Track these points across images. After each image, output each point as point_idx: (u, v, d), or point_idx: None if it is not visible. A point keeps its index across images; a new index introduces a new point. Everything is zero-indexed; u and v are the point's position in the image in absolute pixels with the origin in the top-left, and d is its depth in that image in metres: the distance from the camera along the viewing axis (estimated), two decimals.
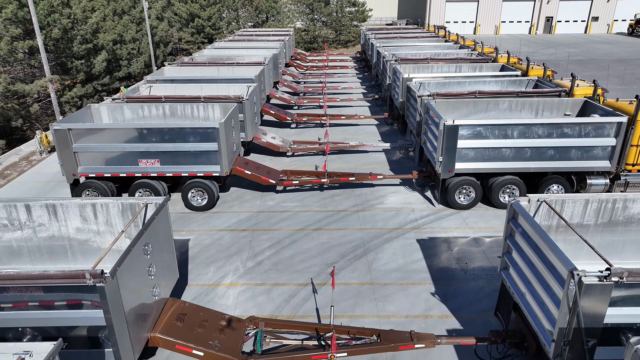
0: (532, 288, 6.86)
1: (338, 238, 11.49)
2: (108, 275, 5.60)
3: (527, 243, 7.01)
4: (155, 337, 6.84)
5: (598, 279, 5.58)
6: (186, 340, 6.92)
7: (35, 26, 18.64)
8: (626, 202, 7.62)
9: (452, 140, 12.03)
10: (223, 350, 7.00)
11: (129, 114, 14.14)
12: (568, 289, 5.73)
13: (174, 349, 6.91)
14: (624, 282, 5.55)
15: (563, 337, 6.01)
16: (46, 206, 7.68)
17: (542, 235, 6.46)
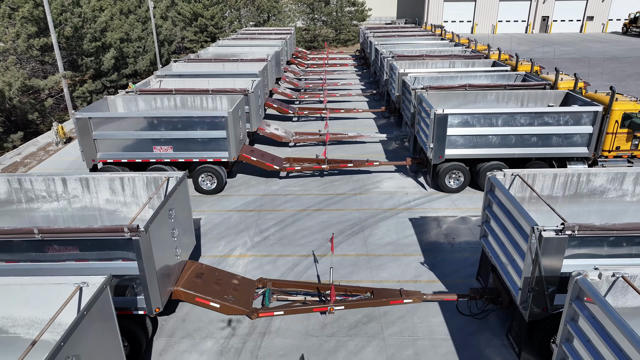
0: (505, 248, 7.90)
1: (337, 217, 12.53)
2: (142, 230, 6.64)
3: (501, 211, 8.06)
4: (178, 290, 7.88)
5: (555, 232, 6.63)
6: (204, 293, 7.97)
7: (50, 24, 19.70)
8: (589, 176, 8.67)
9: (442, 129, 13.06)
10: (236, 304, 8.06)
11: (143, 105, 15.19)
12: (531, 242, 6.78)
13: (194, 301, 7.95)
14: (576, 235, 6.59)
15: (528, 286, 7.05)
16: (80, 180, 8.73)
17: (512, 200, 7.51)
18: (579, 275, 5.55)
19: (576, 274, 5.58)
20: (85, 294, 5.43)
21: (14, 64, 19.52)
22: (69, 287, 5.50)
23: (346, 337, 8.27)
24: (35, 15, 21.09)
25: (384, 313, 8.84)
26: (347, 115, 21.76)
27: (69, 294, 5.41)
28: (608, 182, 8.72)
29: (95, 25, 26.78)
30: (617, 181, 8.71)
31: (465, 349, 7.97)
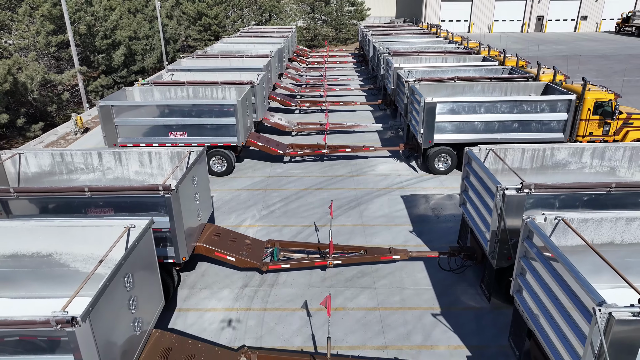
0: (478, 210, 9.27)
1: (336, 195, 13.90)
2: (174, 189, 8.02)
3: (476, 179, 9.44)
4: (200, 245, 9.26)
5: (515, 190, 8.00)
6: (222, 249, 9.35)
7: (67, 23, 21.09)
8: (553, 151, 10.05)
9: (431, 116, 14.44)
10: (249, 258, 9.43)
11: (158, 95, 16.56)
12: (496, 200, 8.16)
13: (213, 255, 9.33)
14: (532, 192, 7.97)
15: (495, 238, 8.42)
16: (113, 154, 10.11)
17: (483, 167, 8.89)
18: (528, 219, 6.92)
19: (526, 217, 6.95)
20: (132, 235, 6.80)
21: (34, 60, 20.89)
22: (119, 229, 6.87)
23: (343, 287, 9.65)
24: (53, 13, 22.47)
25: (376, 270, 10.21)
26: (346, 108, 23.12)
27: (119, 234, 6.78)
28: (569, 155, 10.09)
29: (107, 23, 28.17)
30: (577, 155, 10.09)
31: (444, 296, 9.34)
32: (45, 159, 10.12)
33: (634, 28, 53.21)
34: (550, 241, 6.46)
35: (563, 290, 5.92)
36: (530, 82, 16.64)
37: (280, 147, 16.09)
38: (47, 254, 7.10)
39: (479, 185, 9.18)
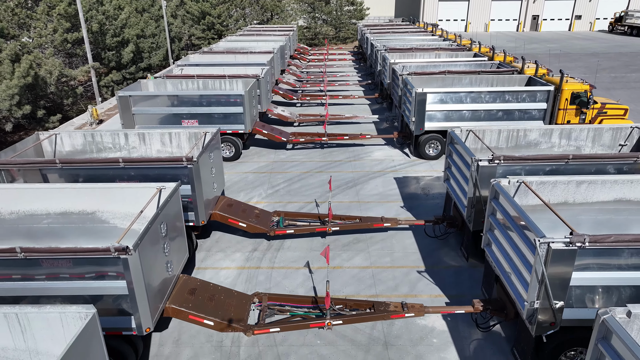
0: (458, 182, 10.61)
1: (335, 177, 15.25)
2: (195, 160, 9.37)
3: (456, 155, 10.78)
4: (215, 213, 10.62)
5: (487, 162, 9.34)
6: (235, 216, 10.70)
7: (82, 21, 22.43)
8: (525, 132, 11.39)
9: (422, 105, 15.78)
10: (258, 224, 10.78)
11: (170, 87, 17.90)
12: (472, 170, 9.50)
13: (227, 221, 10.68)
14: (502, 163, 9.31)
15: (471, 204, 9.77)
16: (138, 134, 11.45)
17: (462, 145, 10.24)
18: (494, 181, 8.27)
19: (493, 180, 8.30)
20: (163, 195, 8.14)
21: (52, 56, 22.21)
22: (152, 190, 8.21)
23: (341, 251, 11.00)
24: (69, 12, 23.81)
25: (370, 237, 11.56)
26: (345, 101, 24.46)
27: (152, 194, 8.12)
28: (540, 136, 11.44)
29: (117, 22, 29.51)
30: (547, 135, 11.43)
31: (428, 258, 10.69)
32: (78, 139, 11.47)
33: (626, 27, 54.55)
34: (510, 197, 7.80)
35: (519, 235, 7.27)
36: (514, 75, 17.98)
37: (283, 135, 17.44)
38: (91, 211, 8.45)
39: (459, 161, 10.53)
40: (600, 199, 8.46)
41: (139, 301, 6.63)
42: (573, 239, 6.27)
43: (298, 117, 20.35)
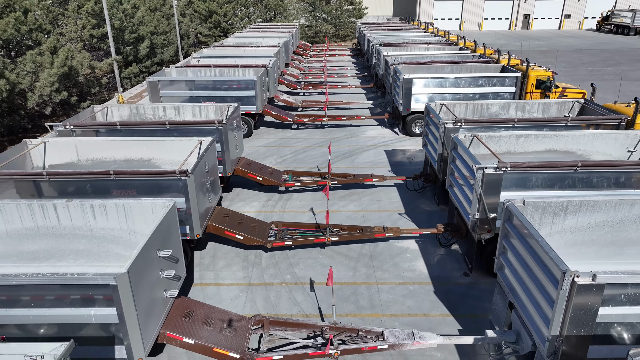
0: (432, 143, 13.25)
1: (334, 150, 17.89)
2: (224, 123, 12.02)
3: (432, 124, 13.42)
4: (238, 169, 13.27)
5: (452, 124, 11.98)
6: (253, 171, 13.35)
7: (107, 18, 25.07)
8: (488, 105, 14.05)
9: (409, 89, 18.41)
10: (272, 178, 13.44)
11: (191, 74, 20.55)
12: (440, 132, 12.13)
13: (247, 176, 13.31)
14: (463, 125, 11.97)
15: (440, 159, 12.38)
16: (174, 107, 14.10)
17: (434, 113, 12.89)
18: (454, 135, 10.92)
19: (452, 135, 10.95)
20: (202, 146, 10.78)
21: (81, 49, 24.84)
22: (195, 142, 10.85)
23: (339, 201, 13.65)
24: (95, 10, 26.47)
25: (362, 191, 14.22)
26: (343, 90, 27.12)
27: (194, 145, 10.76)
28: (500, 109, 14.09)
29: (134, 20, 32.17)
30: (505, 108, 14.09)
31: (408, 204, 13.34)
32: (124, 111, 14.13)
33: (612, 26, 57.18)
34: (464, 146, 10.44)
35: (465, 167, 9.90)
36: (490, 64, 20.64)
37: (289, 116, 20.10)
38: (148, 159, 11.11)
39: (433, 127, 13.18)
40: (535, 149, 11.12)
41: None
42: (499, 165, 8.93)
43: (302, 103, 23.01)
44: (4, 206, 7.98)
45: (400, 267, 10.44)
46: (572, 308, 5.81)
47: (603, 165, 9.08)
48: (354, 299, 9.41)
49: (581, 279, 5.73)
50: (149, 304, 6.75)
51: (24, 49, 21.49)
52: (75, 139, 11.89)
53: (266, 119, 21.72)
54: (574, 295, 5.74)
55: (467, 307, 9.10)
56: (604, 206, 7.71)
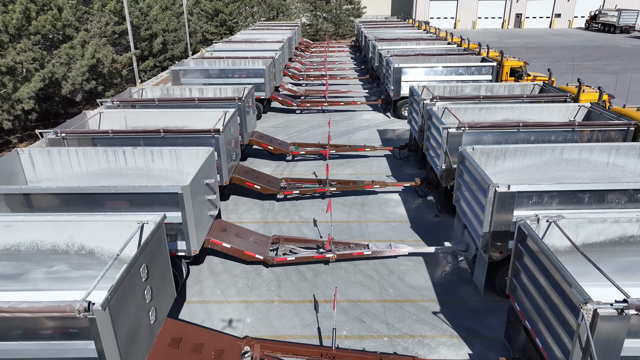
0: (415, 119, 15.92)
1: (333, 129, 20.55)
2: (244, 99, 14.69)
3: (415, 103, 16.09)
4: (253, 139, 15.94)
5: (436, 108, 14.64)
6: (265, 141, 16.03)
7: (127, 16, 27.76)
8: (462, 87, 16.71)
9: (398, 77, 21.08)
10: (281, 147, 16.12)
11: (207, 65, 23.23)
12: (420, 107, 14.79)
13: (261, 142, 15.99)
14: (437, 101, 14.64)
15: (420, 130, 15.05)
16: (198, 88, 16.77)
17: (416, 93, 15.57)
18: (429, 108, 13.57)
19: (428, 107, 13.61)
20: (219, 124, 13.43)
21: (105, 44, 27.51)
22: (221, 112, 13.50)
23: (337, 167, 16.32)
24: (117, 8, 29.16)
25: (357, 160, 16.89)
26: (342, 82, 29.80)
27: (221, 115, 13.40)
28: (472, 90, 16.75)
29: (149, 17, 34.86)
30: (477, 90, 16.73)
31: (395, 170, 16.00)
32: (157, 92, 16.80)
33: (600, 25, 59.86)
34: (438, 116, 13.11)
35: (434, 128, 12.57)
36: (472, 56, 23.32)
37: (294, 102, 22.78)
38: (184, 125, 13.76)
39: (415, 105, 15.82)
40: (495, 119, 13.79)
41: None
42: (459, 125, 11.60)
43: (304, 91, 25.70)
44: (85, 152, 10.66)
45: (385, 211, 13.12)
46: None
47: (538, 125, 11.77)
48: (347, 231, 12.10)
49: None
50: (203, 206, 9.41)
51: (58, 43, 24.17)
52: (120, 111, 14.51)
53: (273, 105, 24.40)
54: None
55: (435, 236, 11.79)
56: (532, 151, 10.40)
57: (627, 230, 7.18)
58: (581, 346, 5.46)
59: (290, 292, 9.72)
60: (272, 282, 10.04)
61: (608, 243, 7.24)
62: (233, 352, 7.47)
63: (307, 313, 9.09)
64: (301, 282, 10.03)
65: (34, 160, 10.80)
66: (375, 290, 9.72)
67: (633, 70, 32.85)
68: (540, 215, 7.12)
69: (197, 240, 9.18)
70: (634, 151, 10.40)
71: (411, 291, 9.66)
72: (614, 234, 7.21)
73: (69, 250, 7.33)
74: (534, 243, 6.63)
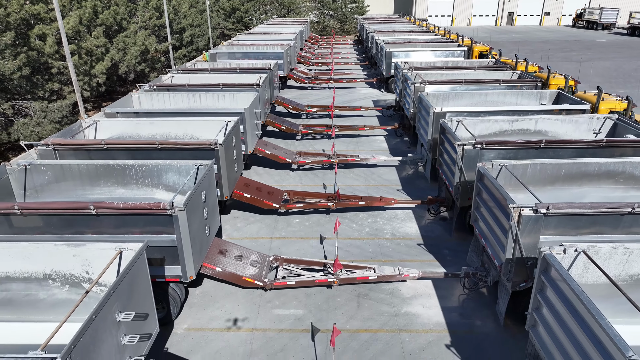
0: (398, 86, 21.41)
1: (337, 99, 26.07)
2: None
3: (398, 74, 21.57)
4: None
5: (425, 93, 20.14)
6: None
7: (165, 11, 33.44)
8: (445, 73, 22.21)
9: (389, 59, 26.57)
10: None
11: (236, 49, 28.79)
12: (413, 97, 20.27)
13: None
14: (425, 86, 20.13)
15: (414, 105, 20.54)
16: (230, 63, 22.36)
17: (399, 69, 21.09)
18: (404, 72, 19.07)
19: (404, 72, 19.11)
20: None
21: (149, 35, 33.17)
22: (257, 76, 19.06)
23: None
24: (157, 5, 34.88)
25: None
26: (345, 68, 35.37)
27: (257, 77, 18.95)
28: (442, 63, 22.21)
29: (180, 14, 40.58)
30: (450, 75, 22.20)
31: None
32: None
33: (585, 22, 64.94)
34: (426, 99, 18.62)
35: (424, 111, 18.04)
36: (450, 43, 28.79)
37: (306, 79, 28.40)
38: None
39: (399, 75, 21.29)
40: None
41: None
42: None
43: (314, 73, 31.28)
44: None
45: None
46: None
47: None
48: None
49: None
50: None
51: (115, 33, 29.89)
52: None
53: (289, 83, 29.95)
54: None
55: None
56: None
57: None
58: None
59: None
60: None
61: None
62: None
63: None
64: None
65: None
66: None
67: (597, 60, 38.15)
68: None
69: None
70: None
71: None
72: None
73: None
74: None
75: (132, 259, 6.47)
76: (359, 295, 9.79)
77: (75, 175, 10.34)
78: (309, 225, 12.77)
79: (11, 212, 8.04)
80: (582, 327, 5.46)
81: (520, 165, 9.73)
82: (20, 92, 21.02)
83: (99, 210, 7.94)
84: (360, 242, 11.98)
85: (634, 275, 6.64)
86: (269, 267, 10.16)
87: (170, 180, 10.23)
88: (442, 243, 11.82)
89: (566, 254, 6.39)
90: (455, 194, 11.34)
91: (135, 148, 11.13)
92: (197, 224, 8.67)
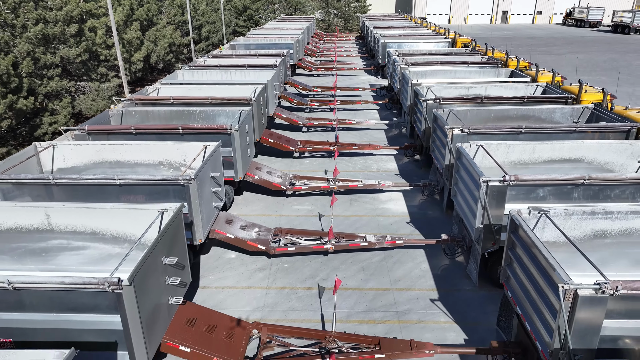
0: (395, 78, 25.74)
1: (339, 83, 30.42)
2: (285, 54, 24.64)
3: (390, 60, 25.90)
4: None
5: (404, 65, 24.47)
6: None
7: (188, 9, 37.92)
8: (420, 49, 26.55)
9: (384, 49, 30.87)
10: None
11: (253, 41, 33.19)
12: (410, 91, 24.63)
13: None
14: (412, 67, 24.48)
15: (407, 110, 24.87)
16: (244, 54, 26.75)
17: (394, 59, 25.45)
18: (394, 58, 23.42)
19: (393, 58, 23.47)
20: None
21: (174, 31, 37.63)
22: (274, 60, 23.44)
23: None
24: (181, 3, 39.38)
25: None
26: (347, 59, 39.75)
27: (274, 61, 23.32)
28: (427, 52, 26.52)
29: (198, 11, 45.07)
30: (429, 50, 26.52)
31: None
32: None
33: (574, 20, 68.99)
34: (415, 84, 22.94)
35: (417, 107, 22.37)
36: (438, 36, 33.10)
37: (312, 67, 32.79)
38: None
39: (390, 60, 25.60)
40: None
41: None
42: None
43: (318, 66, 35.70)
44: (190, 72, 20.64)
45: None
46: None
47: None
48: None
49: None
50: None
51: (147, 27, 34.39)
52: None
53: (298, 71, 34.37)
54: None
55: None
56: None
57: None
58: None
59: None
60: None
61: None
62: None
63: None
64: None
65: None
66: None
67: (574, 53, 42.35)
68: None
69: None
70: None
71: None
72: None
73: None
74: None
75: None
76: (351, 200, 14.21)
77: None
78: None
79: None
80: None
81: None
82: (79, 74, 25.52)
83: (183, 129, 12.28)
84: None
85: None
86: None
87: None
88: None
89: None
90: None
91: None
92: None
